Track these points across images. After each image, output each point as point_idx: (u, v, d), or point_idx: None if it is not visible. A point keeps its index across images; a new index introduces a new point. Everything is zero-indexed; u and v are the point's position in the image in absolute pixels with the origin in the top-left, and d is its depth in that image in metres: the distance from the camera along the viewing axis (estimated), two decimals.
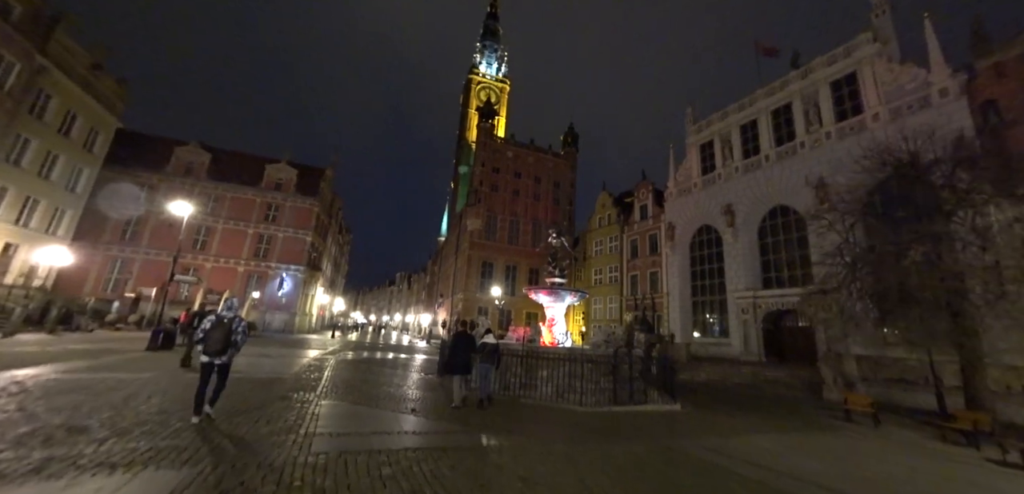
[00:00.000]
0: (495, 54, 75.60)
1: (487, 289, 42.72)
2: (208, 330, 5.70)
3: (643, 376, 10.48)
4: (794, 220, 23.09)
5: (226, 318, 5.82)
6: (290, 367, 12.06)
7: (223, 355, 5.73)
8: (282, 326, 31.50)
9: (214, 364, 5.71)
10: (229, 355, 5.83)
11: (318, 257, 39.41)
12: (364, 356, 18.76)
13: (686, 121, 31.87)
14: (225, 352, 5.74)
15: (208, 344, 5.66)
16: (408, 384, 11.09)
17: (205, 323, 5.79)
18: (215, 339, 5.67)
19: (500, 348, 10.05)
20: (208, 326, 5.73)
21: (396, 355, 21.21)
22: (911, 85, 18.98)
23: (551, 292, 13.70)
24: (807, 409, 12.14)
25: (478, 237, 43.83)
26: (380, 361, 17.04)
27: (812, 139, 22.47)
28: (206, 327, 5.73)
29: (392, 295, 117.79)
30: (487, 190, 45.65)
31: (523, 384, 10.27)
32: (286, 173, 35.85)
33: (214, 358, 5.67)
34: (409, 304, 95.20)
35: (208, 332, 5.69)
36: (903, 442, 8.51)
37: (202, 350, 5.68)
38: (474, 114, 68.67)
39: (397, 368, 15.08)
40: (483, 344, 8.80)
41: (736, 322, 24.55)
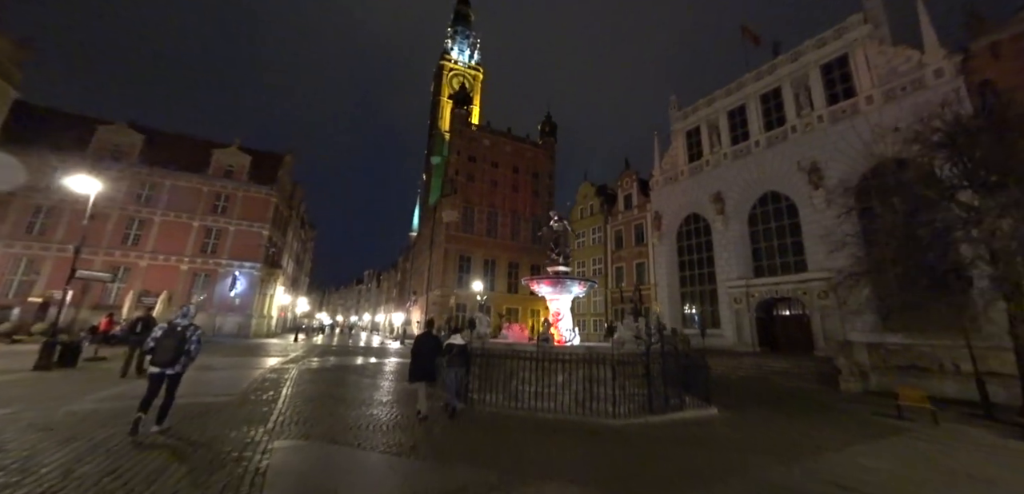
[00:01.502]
0: (467, 41, 72.66)
1: (466, 284, 40.53)
2: (159, 338, 5.43)
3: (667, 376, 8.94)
4: (786, 206, 22.70)
5: (180, 326, 5.56)
6: (239, 383, 9.54)
7: (174, 365, 5.43)
8: (236, 330, 27.84)
9: (164, 375, 5.39)
10: (181, 365, 5.54)
11: (277, 253, 35.58)
12: (331, 362, 16.21)
13: (670, 108, 31.13)
14: (177, 362, 5.45)
15: (158, 353, 5.36)
16: (385, 399, 8.94)
17: (155, 331, 5.55)
18: (166, 348, 5.38)
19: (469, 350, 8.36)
20: (159, 334, 5.48)
21: (367, 360, 18.75)
22: (904, 67, 18.81)
23: (554, 282, 11.93)
24: (838, 404, 11.13)
25: (454, 229, 41.47)
26: (350, 368, 14.62)
27: (803, 123, 22.09)
28: (157, 335, 5.48)
29: (361, 294, 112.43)
30: (463, 180, 43.32)
31: (536, 393, 8.43)
32: (238, 159, 31.84)
33: (165, 369, 5.37)
34: (379, 303, 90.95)
35: (159, 341, 5.42)
36: (991, 446, 7.38)
37: (151, 360, 5.39)
38: (447, 102, 65.66)
39: (369, 376, 12.80)
40: (449, 346, 7.78)
41: (729, 312, 23.98)
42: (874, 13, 20.55)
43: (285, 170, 35.99)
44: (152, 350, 5.40)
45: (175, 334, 5.46)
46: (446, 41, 71.41)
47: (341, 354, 21.15)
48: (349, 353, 22.38)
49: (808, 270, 20.76)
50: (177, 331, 5.48)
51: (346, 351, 23.94)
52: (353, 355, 21.15)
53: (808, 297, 20.43)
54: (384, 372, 13.99)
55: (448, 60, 68.36)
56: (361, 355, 21.45)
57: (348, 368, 14.61)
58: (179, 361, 5.46)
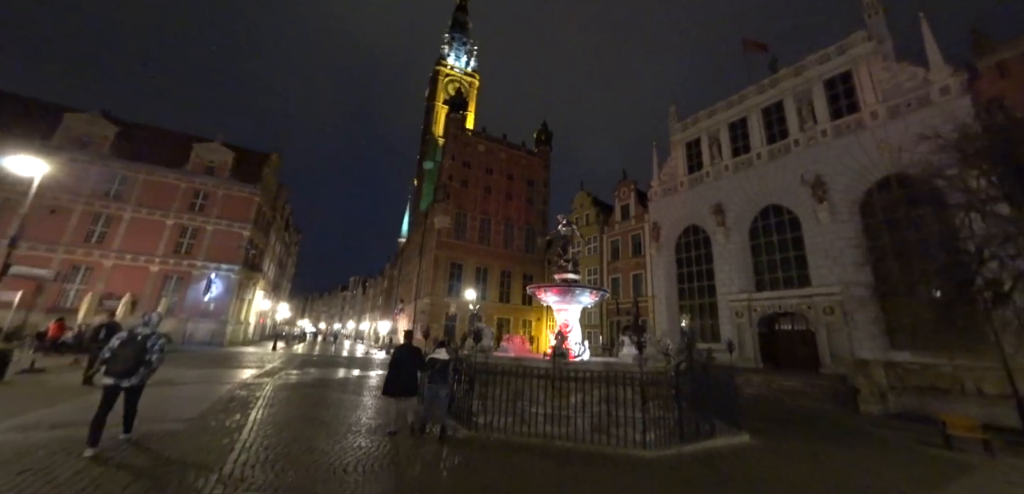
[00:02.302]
0: (464, 47, 72.25)
1: (457, 292, 39.19)
2: (116, 348, 5.06)
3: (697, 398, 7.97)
4: (788, 220, 22.30)
5: (140, 334, 5.21)
6: (201, 402, 8.17)
7: (132, 376, 5.04)
8: (209, 337, 25.89)
9: (119, 387, 4.99)
10: (140, 376, 5.15)
11: (258, 256, 33.71)
12: (311, 375, 14.76)
13: (669, 119, 30.84)
14: (135, 373, 5.06)
15: (114, 364, 4.97)
16: (374, 423, 7.70)
17: (113, 341, 5.15)
18: (123, 358, 5.00)
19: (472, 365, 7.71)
20: (117, 343, 5.09)
21: (350, 372, 17.31)
22: (909, 84, 18.69)
23: (563, 291, 10.92)
24: (869, 429, 10.30)
25: (446, 236, 40.23)
26: (331, 382, 13.23)
27: (806, 137, 21.84)
28: (114, 345, 5.09)
29: (345, 301, 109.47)
30: (457, 186, 42.23)
31: (550, 417, 7.33)
32: (220, 155, 30.16)
33: (120, 380, 4.97)
34: (364, 311, 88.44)
35: (116, 350, 5.04)
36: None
37: (106, 370, 4.98)
38: (441, 107, 64.87)
39: (354, 391, 11.48)
40: (432, 360, 7.17)
41: (730, 326, 23.31)
42: (877, 30, 20.53)
43: (271, 169, 34.38)
44: (108, 360, 4.95)
45: (134, 343, 5.06)
46: (443, 47, 70.83)
47: (323, 365, 19.62)
48: (331, 364, 20.84)
49: (812, 285, 20.25)
50: (137, 340, 5.08)
51: (328, 361, 22.35)
52: (335, 366, 19.65)
53: (813, 312, 19.89)
54: (369, 387, 12.68)
55: (444, 65, 67.70)
56: (344, 366, 19.95)
57: (330, 382, 13.23)
58: (137, 373, 5.04)
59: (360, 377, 15.60)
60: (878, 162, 18.97)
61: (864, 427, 10.54)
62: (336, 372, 16.90)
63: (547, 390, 7.71)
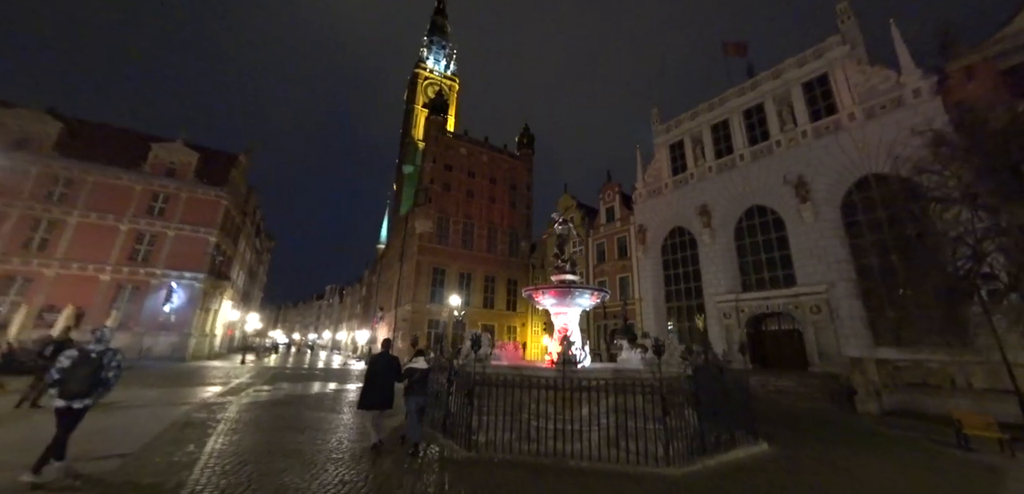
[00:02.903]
0: (443, 51, 71.22)
1: (440, 299, 37.96)
2: (67, 368, 4.67)
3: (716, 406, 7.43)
4: (772, 220, 22.56)
5: (94, 352, 4.88)
6: (149, 429, 6.96)
7: (87, 397, 4.72)
8: (169, 352, 23.71)
9: (73, 408, 4.62)
10: (95, 397, 4.85)
11: (226, 263, 31.51)
12: (284, 391, 13.43)
13: (652, 121, 31.01)
14: (90, 394, 4.75)
15: (68, 384, 4.62)
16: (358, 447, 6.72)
17: (62, 360, 4.72)
18: (78, 378, 4.66)
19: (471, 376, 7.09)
20: (67, 363, 4.69)
21: (326, 385, 16.00)
22: (883, 86, 19.27)
23: (560, 292, 10.24)
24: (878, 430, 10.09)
25: (428, 240, 39.02)
26: (306, 399, 12.02)
27: (787, 138, 22.23)
28: (64, 365, 4.68)
29: (321, 311, 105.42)
30: (438, 189, 41.13)
31: (558, 431, 6.59)
32: (182, 156, 28.03)
33: (73, 401, 4.62)
34: (341, 320, 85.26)
35: (68, 371, 4.67)
36: None
37: (58, 393, 4.62)
38: (421, 110, 63.50)
39: (330, 408, 10.37)
40: (410, 370, 6.83)
41: (718, 327, 23.30)
42: (850, 34, 21.17)
43: (239, 172, 32.32)
44: (58, 381, 4.64)
45: (89, 361, 4.76)
46: (422, 50, 69.56)
47: (296, 379, 18.15)
48: (306, 377, 19.36)
49: (798, 284, 20.46)
50: (91, 357, 4.81)
51: (302, 374, 20.80)
52: (310, 379, 18.23)
53: (800, 311, 20.06)
54: (349, 402, 11.55)
55: (423, 68, 66.46)
56: (320, 379, 18.55)
57: (304, 399, 12.01)
58: (93, 393, 4.76)
59: (337, 391, 14.38)
60: (857, 162, 19.41)
61: (872, 428, 10.35)
62: (311, 386, 15.57)
63: (554, 402, 6.97)
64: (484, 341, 7.87)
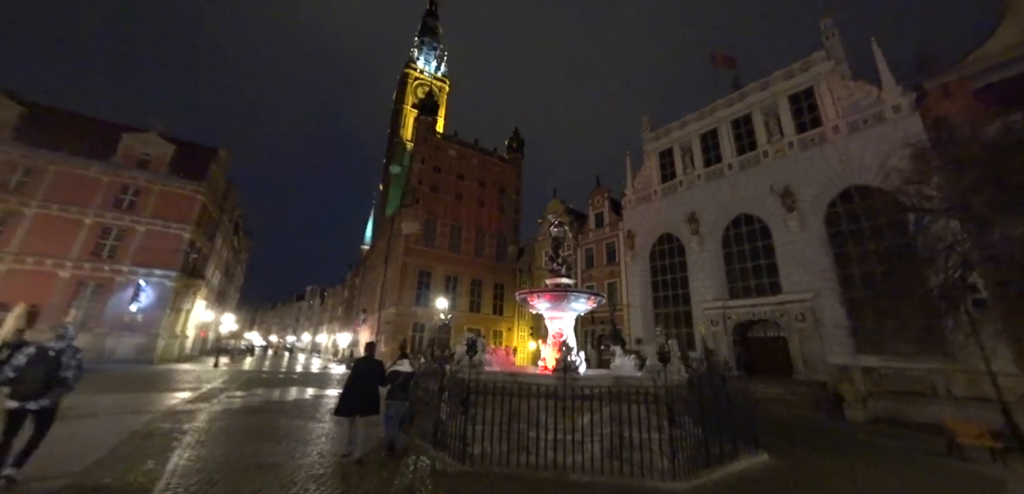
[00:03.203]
0: (434, 52, 70.70)
1: (425, 302, 37.23)
2: (23, 366, 4.47)
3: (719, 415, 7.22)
4: (759, 228, 22.89)
5: (53, 350, 4.63)
6: (105, 440, 6.26)
7: (43, 398, 4.49)
8: (135, 354, 22.30)
9: (26, 409, 4.42)
10: (52, 397, 4.59)
11: (201, 261, 30.05)
12: (258, 398, 12.63)
13: (643, 129, 31.27)
14: (46, 394, 4.51)
15: (21, 384, 4.40)
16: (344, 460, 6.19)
17: (18, 358, 4.52)
18: (32, 378, 4.44)
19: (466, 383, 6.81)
20: (24, 360, 4.49)
21: (305, 391, 15.22)
22: (866, 101, 19.84)
23: (555, 296, 9.92)
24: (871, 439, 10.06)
25: (414, 242, 38.27)
26: (283, 406, 11.31)
27: (774, 149, 22.66)
28: (20, 362, 4.48)
29: (300, 312, 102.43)
30: (427, 190, 40.48)
31: (555, 442, 6.23)
32: (156, 147, 26.67)
33: (27, 402, 4.41)
34: (322, 323, 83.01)
35: (23, 369, 4.45)
36: None
37: (9, 393, 4.41)
38: (410, 111, 62.75)
39: (310, 416, 9.74)
40: (394, 374, 6.70)
41: (704, 334, 23.39)
42: (834, 50, 21.78)
43: (219, 166, 30.98)
44: (12, 380, 4.43)
45: (45, 360, 4.54)
46: (412, 50, 68.84)
47: (273, 384, 17.25)
48: (284, 382, 18.45)
49: (784, 292, 20.75)
50: (48, 356, 4.57)
51: (280, 379, 19.83)
52: (288, 384, 17.36)
53: (785, 319, 20.33)
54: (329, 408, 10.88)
55: (413, 69, 65.72)
56: (298, 384, 17.69)
57: (281, 406, 11.29)
58: (49, 393, 4.53)
59: (316, 397, 13.65)
60: (841, 174, 19.88)
61: (863, 437, 10.35)
62: (288, 392, 14.77)
63: (552, 410, 6.61)
64: (481, 346, 7.48)
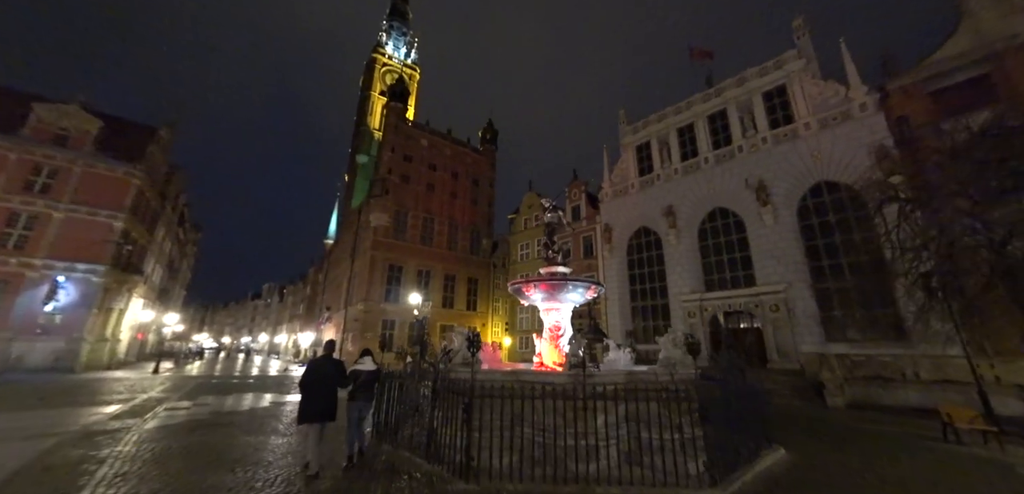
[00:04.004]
0: (404, 38, 67.53)
1: (396, 297, 35.42)
2: None
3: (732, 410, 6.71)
4: (734, 222, 23.35)
5: None
6: None
7: None
8: (51, 361, 19.16)
9: None
10: None
11: (137, 254, 26.60)
12: (207, 409, 10.89)
13: (620, 122, 31.21)
14: None
15: None
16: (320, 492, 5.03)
17: None
18: None
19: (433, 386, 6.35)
20: None
21: (261, 398, 13.52)
22: (834, 99, 20.62)
23: (552, 286, 9.13)
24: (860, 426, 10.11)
25: (384, 235, 36.27)
26: (235, 419, 9.70)
27: (749, 144, 23.15)
28: None
29: (257, 312, 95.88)
30: (397, 180, 38.47)
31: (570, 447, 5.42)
32: (78, 121, 23.14)
33: None
34: (281, 322, 77.97)
35: None
36: None
37: None
38: (378, 98, 59.67)
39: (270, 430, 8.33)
40: (355, 373, 6.35)
41: (682, 326, 23.63)
42: (806, 49, 22.53)
43: (159, 147, 27.54)
44: None
45: None
46: (380, 34, 65.30)
47: (224, 390, 15.27)
48: (237, 388, 16.45)
49: (758, 284, 21.25)
50: None
51: (232, 385, 17.73)
52: (242, 390, 15.44)
53: (760, 310, 20.82)
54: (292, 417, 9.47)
55: (382, 54, 62.41)
56: (254, 390, 15.80)
57: (234, 418, 9.69)
58: None
59: (276, 404, 12.05)
60: (812, 169, 20.56)
61: (856, 424, 10.42)
62: (242, 399, 13.00)
63: (562, 412, 5.78)
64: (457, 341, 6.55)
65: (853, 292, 18.75)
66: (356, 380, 6.24)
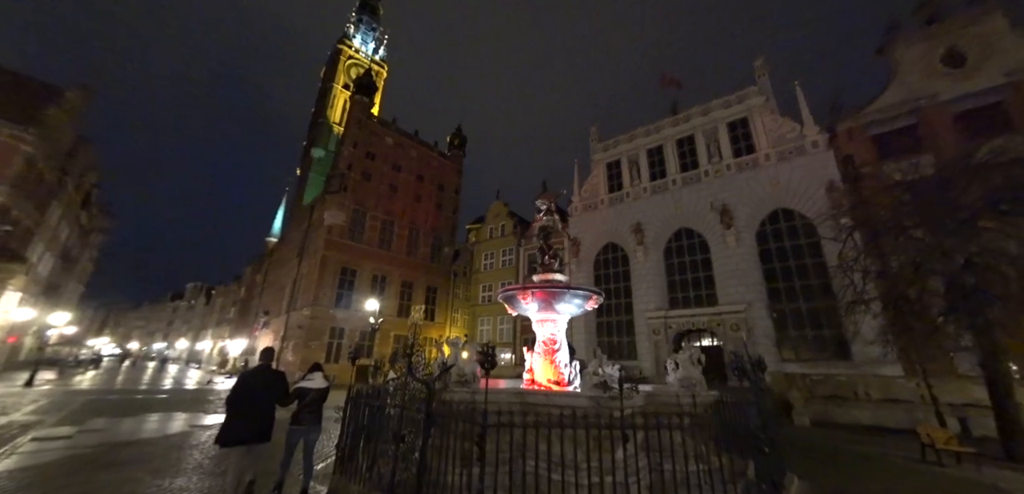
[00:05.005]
0: (373, 33, 64.38)
1: (347, 303, 32.57)
2: None
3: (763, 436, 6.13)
4: (698, 242, 24.13)
5: None
6: None
7: None
8: None
9: None
10: None
11: (20, 237, 21.73)
12: (96, 436, 8.45)
13: (591, 139, 31.61)
14: None
15: None
16: None
17: None
18: None
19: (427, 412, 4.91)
20: None
21: (172, 419, 11.05)
22: (791, 135, 22.20)
23: (547, 294, 8.16)
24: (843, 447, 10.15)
25: (339, 234, 33.42)
26: (136, 448, 7.53)
27: (714, 169, 24.22)
28: None
29: (177, 314, 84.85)
30: (358, 178, 35.87)
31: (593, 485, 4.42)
32: None
33: None
34: (206, 327, 69.43)
35: None
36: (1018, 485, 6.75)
37: None
38: (341, 91, 56.12)
39: (175, 468, 6.41)
40: (301, 390, 5.45)
41: (647, 343, 23.81)
42: (765, 87, 24.22)
43: (65, 113, 23.08)
44: None
45: None
46: (348, 26, 61.69)
47: (122, 411, 12.33)
48: (141, 406, 13.45)
49: (720, 303, 21.93)
50: None
51: (134, 402, 14.55)
52: (147, 410, 12.58)
53: (722, 328, 21.44)
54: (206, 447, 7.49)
55: (348, 46, 58.83)
56: (163, 409, 12.95)
57: (131, 452, 7.46)
58: None
59: (191, 427, 9.75)
60: (771, 196, 21.82)
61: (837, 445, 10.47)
62: (145, 422, 10.41)
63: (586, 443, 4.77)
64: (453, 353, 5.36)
65: (805, 314, 19.96)
66: (302, 399, 5.41)
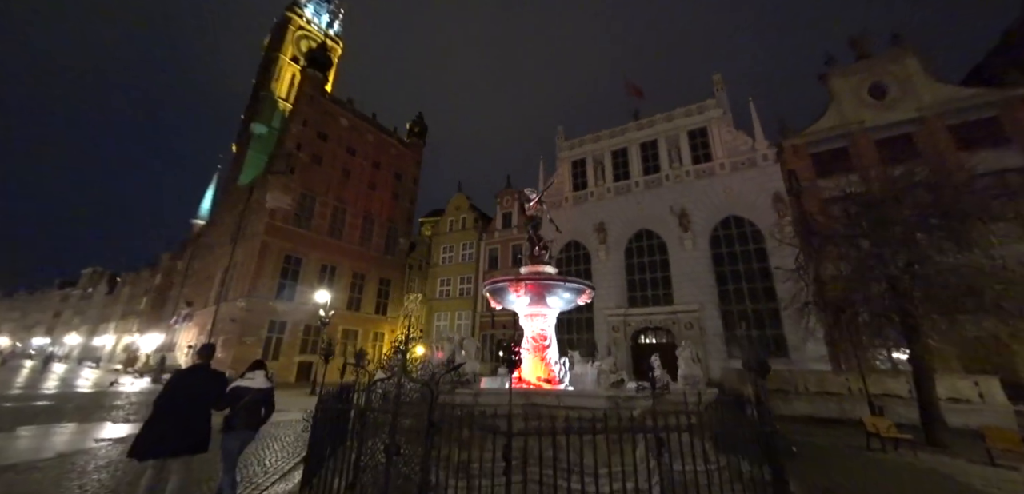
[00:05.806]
0: (328, 5, 59.39)
1: (290, 294, 29.68)
2: None
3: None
4: (657, 243, 25.07)
5: None
6: None
7: None
8: None
9: None
10: None
11: None
12: None
13: (557, 138, 31.70)
14: None
15: None
16: None
17: None
18: None
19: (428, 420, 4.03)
20: None
21: (52, 434, 8.98)
22: (743, 147, 23.80)
23: (540, 287, 7.69)
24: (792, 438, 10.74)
25: (283, 219, 30.33)
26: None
27: (674, 174, 25.31)
28: None
29: (67, 304, 72.59)
30: (306, 159, 32.81)
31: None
32: None
33: None
34: (108, 319, 60.17)
35: None
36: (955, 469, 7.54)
37: None
38: (288, 63, 51.03)
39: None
40: (237, 390, 4.64)
41: (606, 339, 24.29)
42: (722, 101, 25.76)
43: None
44: None
45: None
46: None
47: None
48: (13, 417, 10.76)
49: (675, 303, 22.94)
50: None
51: (4, 412, 11.64)
52: (18, 422, 10.04)
53: (677, 327, 22.43)
54: (107, 464, 5.97)
55: (299, 15, 53.40)
56: (42, 420, 10.45)
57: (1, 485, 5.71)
58: None
59: (85, 449, 7.87)
60: (725, 203, 23.24)
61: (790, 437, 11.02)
62: (14, 441, 8.21)
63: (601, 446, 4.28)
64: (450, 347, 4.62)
65: (751, 314, 21.51)
66: (237, 401, 4.54)
